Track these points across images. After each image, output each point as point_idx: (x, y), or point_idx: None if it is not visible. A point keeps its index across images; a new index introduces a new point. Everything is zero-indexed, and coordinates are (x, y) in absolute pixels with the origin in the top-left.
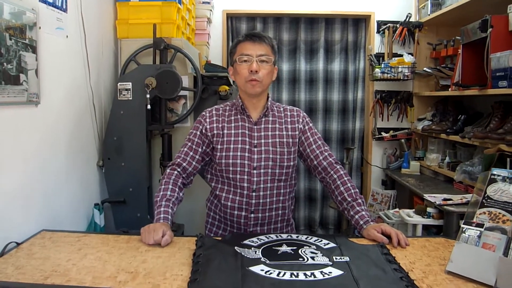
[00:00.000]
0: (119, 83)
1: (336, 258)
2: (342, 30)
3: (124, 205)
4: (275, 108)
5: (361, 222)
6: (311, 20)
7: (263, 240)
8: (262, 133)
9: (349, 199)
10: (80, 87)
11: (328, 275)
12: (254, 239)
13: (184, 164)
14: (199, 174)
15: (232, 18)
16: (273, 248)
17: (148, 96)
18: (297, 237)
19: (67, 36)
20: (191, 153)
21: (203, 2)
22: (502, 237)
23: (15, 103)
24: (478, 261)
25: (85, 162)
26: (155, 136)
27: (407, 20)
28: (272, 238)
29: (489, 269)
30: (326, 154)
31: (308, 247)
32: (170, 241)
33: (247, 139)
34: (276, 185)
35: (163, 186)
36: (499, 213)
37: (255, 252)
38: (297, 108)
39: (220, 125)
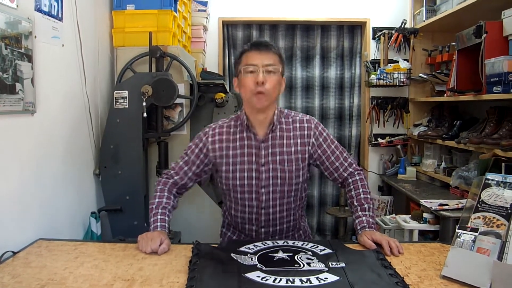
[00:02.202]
0: (115, 91)
1: (332, 264)
2: (338, 36)
3: (121, 213)
4: (283, 120)
5: (358, 227)
6: (307, 27)
7: (260, 246)
8: (270, 151)
9: (356, 204)
10: (76, 95)
11: (324, 280)
12: (251, 245)
13: (176, 178)
14: (197, 183)
15: (228, 26)
16: (269, 254)
17: (144, 104)
18: (293, 243)
19: (63, 45)
20: (185, 168)
21: (199, 10)
22: (496, 242)
23: (11, 112)
24: (473, 265)
25: (81, 170)
26: (151, 144)
27: (402, 26)
28: (268, 244)
29: (483, 274)
30: (346, 164)
31: (304, 253)
32: (167, 249)
33: (253, 158)
34: (285, 201)
35: (158, 193)
36: (494, 217)
37: (251, 258)
38: (309, 118)
39: (224, 145)
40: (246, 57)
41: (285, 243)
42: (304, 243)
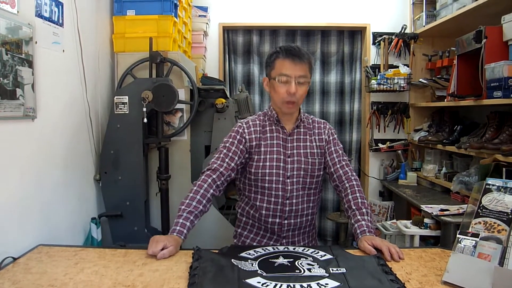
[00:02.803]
0: (115, 97)
1: (332, 270)
2: (338, 42)
3: (121, 219)
4: (305, 119)
5: (358, 231)
6: (307, 32)
7: (260, 252)
8: (295, 144)
9: (354, 207)
10: (76, 101)
11: (325, 286)
12: (251, 251)
13: (221, 169)
14: None
15: (228, 31)
16: (270, 260)
17: (144, 109)
18: (293, 249)
19: (63, 51)
20: (227, 160)
21: (200, 16)
22: (497, 247)
23: (12, 118)
24: (474, 271)
25: (82, 176)
26: (151, 149)
27: (402, 31)
28: (268, 250)
29: (484, 279)
30: (343, 163)
31: (304, 259)
32: (166, 256)
33: (281, 150)
34: (306, 192)
35: (191, 194)
36: (494, 222)
37: (252, 264)
38: (324, 121)
39: (258, 136)
40: (280, 64)
41: (286, 249)
42: (304, 249)
